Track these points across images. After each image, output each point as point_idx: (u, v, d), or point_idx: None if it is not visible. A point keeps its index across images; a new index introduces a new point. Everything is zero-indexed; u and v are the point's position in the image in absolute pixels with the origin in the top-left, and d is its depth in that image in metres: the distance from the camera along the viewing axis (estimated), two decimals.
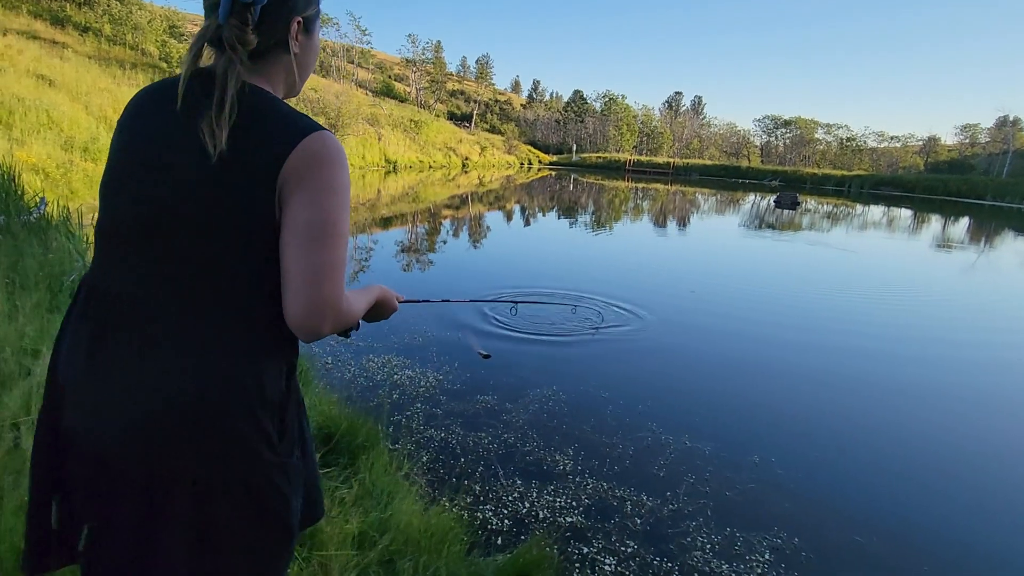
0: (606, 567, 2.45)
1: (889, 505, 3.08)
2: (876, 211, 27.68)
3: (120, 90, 17.89)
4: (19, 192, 5.98)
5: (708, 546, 2.64)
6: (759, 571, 2.50)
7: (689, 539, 2.67)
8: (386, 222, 12.91)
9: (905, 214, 27.06)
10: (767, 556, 2.59)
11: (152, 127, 0.88)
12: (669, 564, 2.50)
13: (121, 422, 0.86)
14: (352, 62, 54.73)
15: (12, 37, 18.53)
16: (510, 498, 2.87)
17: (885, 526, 2.88)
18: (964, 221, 25.15)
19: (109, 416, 0.86)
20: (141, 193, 0.86)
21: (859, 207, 29.97)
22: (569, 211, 19.20)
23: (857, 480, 3.32)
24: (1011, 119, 60.38)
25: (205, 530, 0.88)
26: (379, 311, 1.19)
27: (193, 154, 0.82)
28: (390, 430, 3.35)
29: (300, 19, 0.94)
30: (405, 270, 8.28)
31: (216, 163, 0.81)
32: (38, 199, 6.26)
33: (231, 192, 0.82)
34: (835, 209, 27.63)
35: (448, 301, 2.32)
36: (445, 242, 11.01)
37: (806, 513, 2.94)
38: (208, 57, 0.89)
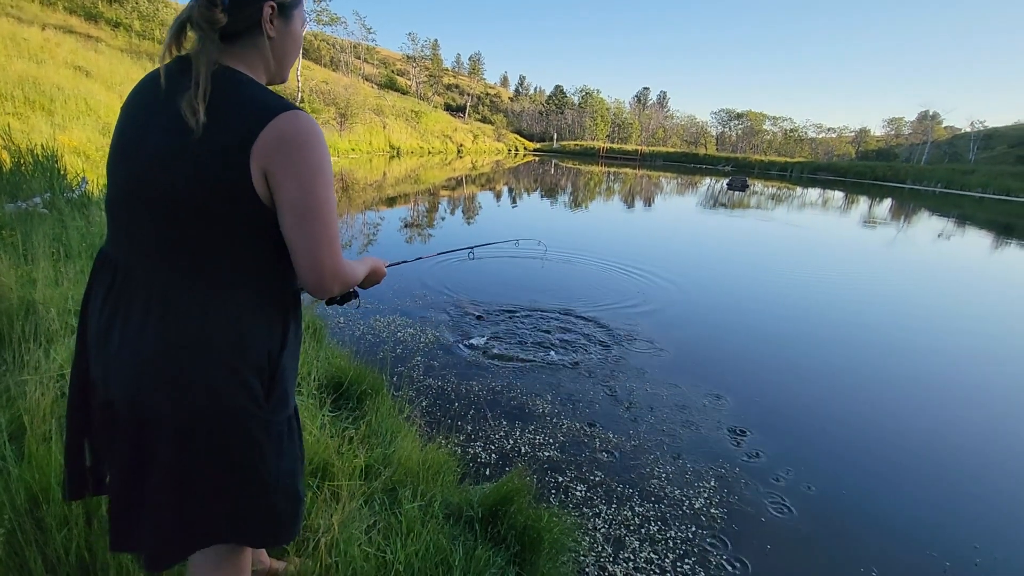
0: (577, 493, 2.49)
1: (823, 425, 3.16)
2: (813, 193, 27.70)
3: None
4: (63, 172, 5.78)
5: (663, 475, 2.69)
6: (705, 495, 2.55)
7: (647, 469, 2.72)
8: (391, 200, 12.69)
9: (838, 195, 27.13)
10: (712, 483, 2.65)
11: (141, 110, 0.85)
12: (630, 490, 2.55)
13: (119, 374, 0.85)
14: (359, 58, 53.02)
15: (50, 31, 17.64)
16: (496, 436, 2.89)
17: (811, 458, 2.95)
18: (887, 202, 25.29)
19: (113, 368, 0.86)
20: (128, 170, 0.83)
21: (799, 189, 29.98)
22: (550, 192, 19.00)
23: (800, 416, 3.38)
24: (931, 113, 60.34)
25: (184, 473, 0.87)
26: (373, 277, 1.18)
27: (170, 133, 0.79)
28: (393, 379, 3.35)
29: (274, 4, 0.87)
30: (408, 242, 8.17)
31: (188, 140, 0.77)
32: (80, 178, 6.06)
33: (201, 167, 0.78)
34: (779, 191, 27.62)
35: (421, 258, 2.36)
36: (443, 218, 10.87)
37: (748, 446, 3.00)
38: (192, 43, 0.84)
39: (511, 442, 2.85)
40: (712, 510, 2.45)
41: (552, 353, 4.05)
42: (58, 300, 2.58)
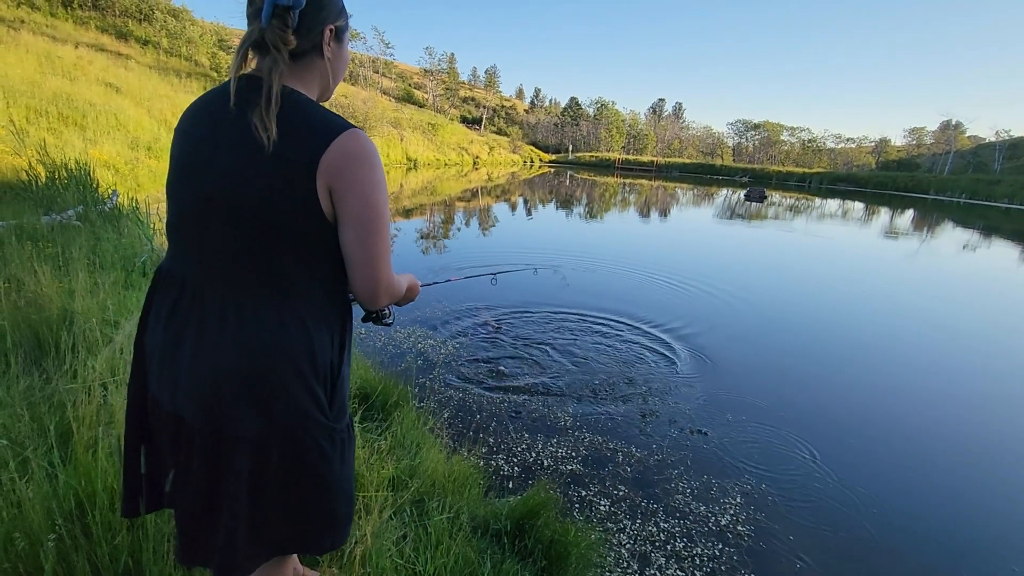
0: (601, 507, 2.48)
1: (857, 449, 3.10)
2: (833, 204, 27.34)
3: (177, 96, 17.70)
4: (95, 185, 5.96)
5: (688, 490, 2.66)
6: (731, 512, 2.52)
7: (671, 485, 2.70)
8: (408, 212, 12.84)
9: (858, 206, 26.74)
10: (738, 499, 2.62)
11: (205, 129, 0.87)
12: (655, 505, 2.53)
13: (191, 391, 0.87)
14: (377, 72, 53.95)
15: (83, 49, 18.32)
16: (519, 449, 2.89)
17: (843, 468, 2.90)
18: (909, 213, 24.85)
19: (182, 385, 0.88)
20: (196, 189, 0.86)
21: (818, 200, 29.62)
22: (565, 203, 19.04)
23: (825, 431, 3.32)
24: (953, 123, 59.27)
25: (258, 481, 0.90)
26: (409, 294, 1.19)
27: (239, 150, 0.82)
28: (416, 391, 3.38)
29: (332, 27, 0.91)
30: (424, 253, 8.25)
31: (258, 157, 0.80)
32: (111, 191, 6.24)
33: (272, 182, 0.81)
34: (797, 202, 27.31)
35: (450, 280, 2.40)
36: (459, 229, 10.96)
37: (772, 462, 2.96)
38: (252, 62, 0.88)
39: (533, 455, 2.85)
40: (739, 527, 2.42)
41: (572, 366, 4.04)
42: (96, 310, 2.66)
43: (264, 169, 0.81)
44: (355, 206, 0.85)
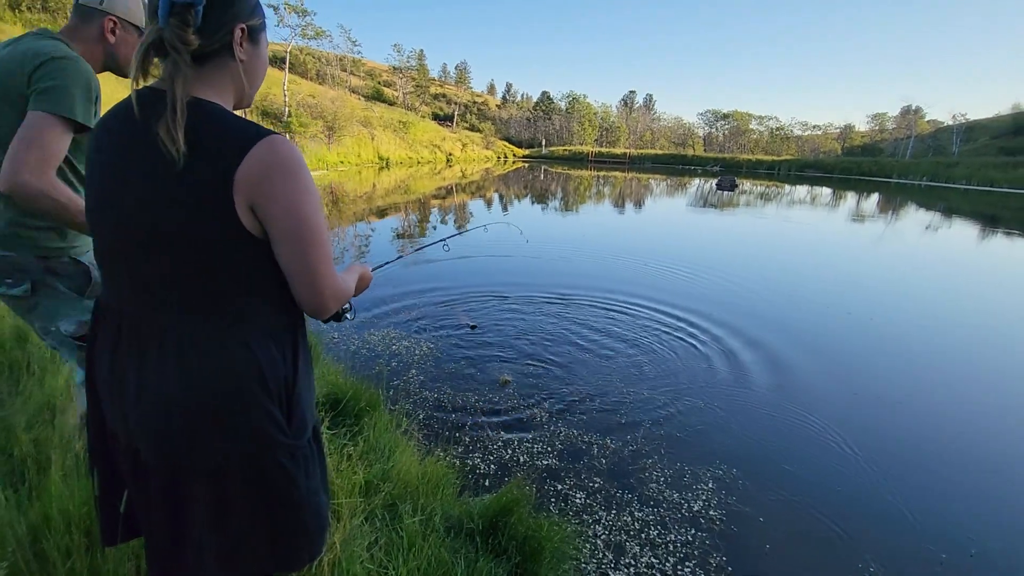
0: (577, 500, 2.52)
1: (822, 435, 3.20)
2: (802, 190, 28.05)
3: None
4: None
5: (661, 479, 2.72)
6: (704, 498, 2.58)
7: (646, 474, 2.75)
8: (383, 212, 12.71)
9: (826, 192, 27.49)
10: (710, 485, 2.68)
11: (113, 153, 0.81)
12: (630, 495, 2.58)
13: (142, 427, 0.85)
14: (345, 70, 53.14)
15: None
16: (495, 447, 2.91)
17: (806, 454, 3.00)
18: (874, 197, 25.64)
19: (133, 420, 0.85)
20: (114, 220, 0.81)
21: (787, 187, 30.35)
22: (540, 197, 19.11)
23: (793, 418, 3.42)
24: (913, 108, 61.30)
25: (221, 508, 0.88)
26: (361, 284, 1.17)
27: (149, 173, 0.77)
28: (390, 393, 3.37)
29: (244, 26, 0.84)
30: (401, 252, 8.18)
31: (170, 179, 0.75)
32: None
33: (186, 206, 0.76)
34: (767, 190, 27.93)
35: (401, 256, 2.39)
36: (435, 227, 10.90)
37: (744, 447, 3.04)
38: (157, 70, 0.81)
39: (509, 452, 2.87)
40: (711, 512, 2.48)
41: (548, 360, 4.07)
42: None
43: (178, 191, 0.76)
44: (283, 220, 0.79)
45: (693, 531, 2.35)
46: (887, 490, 2.72)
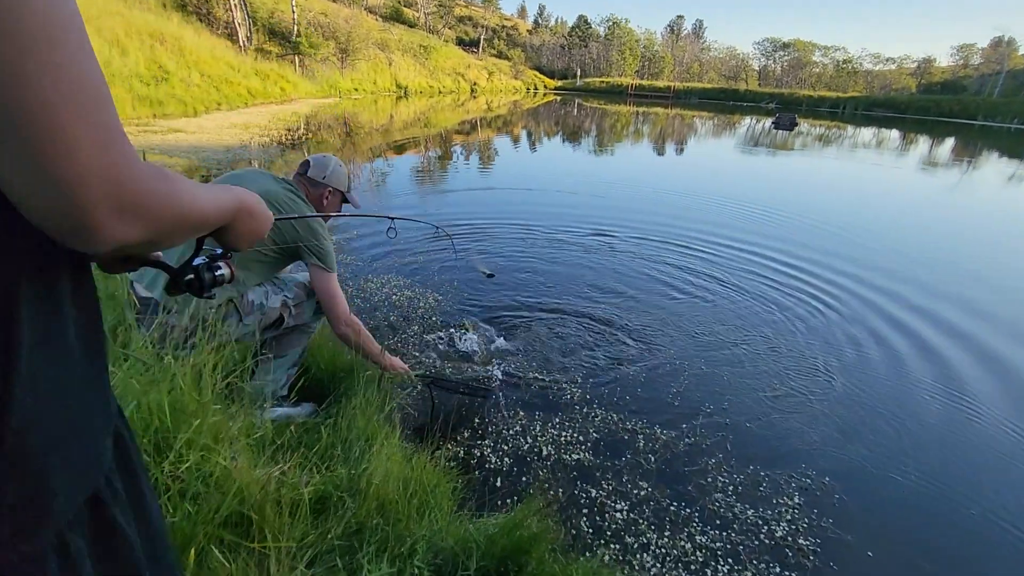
0: (617, 513, 1.97)
1: (936, 437, 2.57)
2: (867, 133, 25.92)
3: (131, 13, 16.23)
4: None
5: (730, 487, 2.14)
6: (788, 517, 2.01)
7: (709, 479, 2.18)
8: (400, 147, 11.94)
9: (894, 135, 25.33)
10: (796, 499, 2.10)
11: None
12: (688, 509, 2.01)
13: None
14: None
15: None
16: (511, 432, 2.36)
17: (933, 463, 2.38)
18: (949, 142, 23.49)
19: None
20: None
21: (850, 128, 28.10)
22: (573, 136, 17.94)
23: (894, 412, 2.79)
24: (1006, 39, 55.71)
25: None
26: (244, 224, 0.61)
27: None
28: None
29: None
30: (421, 196, 7.54)
31: None
32: None
33: None
34: (828, 131, 25.87)
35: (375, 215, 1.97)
36: (458, 171, 10.13)
37: (837, 446, 2.43)
38: None
39: (529, 441, 2.32)
40: (800, 540, 1.91)
41: (581, 318, 3.47)
42: None
43: None
44: None
45: (778, 568, 1.79)
46: None
